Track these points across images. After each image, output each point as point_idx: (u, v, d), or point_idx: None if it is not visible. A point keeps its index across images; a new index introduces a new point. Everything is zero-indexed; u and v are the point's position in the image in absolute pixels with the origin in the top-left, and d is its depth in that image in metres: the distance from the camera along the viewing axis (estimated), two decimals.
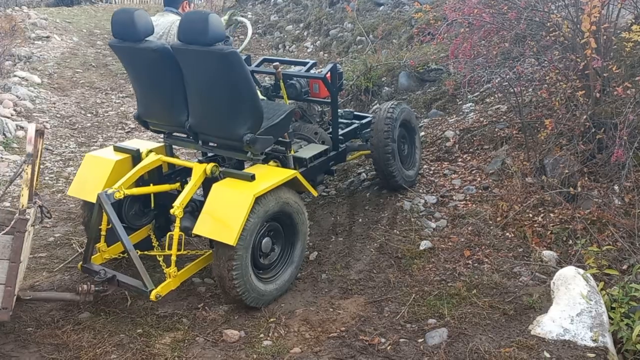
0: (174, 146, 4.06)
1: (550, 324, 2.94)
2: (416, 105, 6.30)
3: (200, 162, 4.04)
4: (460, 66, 4.99)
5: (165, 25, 3.89)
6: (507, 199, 4.29)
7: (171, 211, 3.26)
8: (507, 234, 4.05)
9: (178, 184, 3.88)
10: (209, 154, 4.07)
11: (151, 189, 3.77)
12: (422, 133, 5.63)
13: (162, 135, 4.05)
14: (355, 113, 5.07)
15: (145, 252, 3.68)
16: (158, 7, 16.24)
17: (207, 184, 3.53)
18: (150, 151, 3.83)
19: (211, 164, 3.56)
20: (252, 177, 3.32)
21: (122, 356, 3.04)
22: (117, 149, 3.89)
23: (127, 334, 3.22)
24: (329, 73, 4.23)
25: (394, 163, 4.45)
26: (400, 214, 4.42)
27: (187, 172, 3.78)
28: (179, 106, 3.63)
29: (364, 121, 4.78)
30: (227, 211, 3.21)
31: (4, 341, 3.11)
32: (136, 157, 3.80)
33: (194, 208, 3.66)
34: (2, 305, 2.90)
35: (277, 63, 4.25)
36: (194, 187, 3.47)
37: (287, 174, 3.53)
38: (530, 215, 4.16)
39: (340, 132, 4.56)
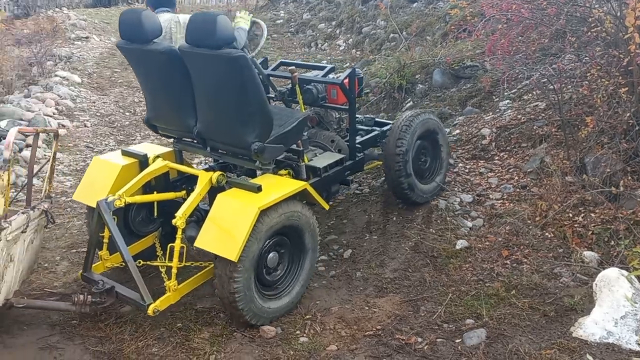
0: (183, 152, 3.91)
1: (593, 327, 2.88)
2: (451, 102, 6.23)
3: (209, 169, 3.90)
4: (498, 62, 4.91)
5: (165, 25, 3.71)
6: (547, 198, 4.21)
7: (173, 222, 3.14)
8: (547, 234, 3.97)
9: (184, 192, 3.73)
10: (220, 160, 3.93)
11: (154, 196, 3.63)
12: (457, 131, 5.56)
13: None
14: (377, 119, 4.91)
15: (148, 263, 3.55)
16: (193, 7, 16.47)
17: (213, 193, 3.37)
18: (158, 157, 3.71)
19: (217, 173, 3.44)
20: (258, 189, 3.17)
21: (162, 349, 3.11)
22: (125, 153, 3.79)
23: (167, 327, 3.29)
24: (347, 78, 4.05)
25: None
26: (436, 213, 4.38)
27: (194, 179, 3.58)
28: (187, 110, 3.50)
29: (384, 128, 4.59)
30: (230, 224, 3.05)
31: (50, 333, 3.23)
32: (144, 162, 3.68)
33: (200, 217, 3.51)
34: None
35: (293, 67, 4.08)
36: (199, 196, 3.33)
37: (296, 185, 3.35)
38: (571, 215, 4.07)
39: (359, 139, 4.37)
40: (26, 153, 5.56)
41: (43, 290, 3.65)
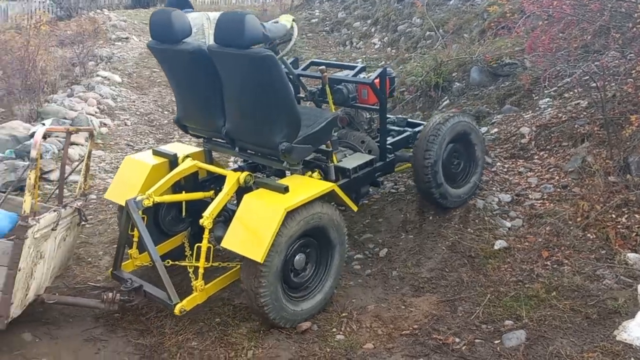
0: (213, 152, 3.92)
1: (637, 330, 2.80)
2: (489, 100, 6.14)
3: (238, 169, 3.89)
4: (538, 60, 4.81)
5: (196, 22, 3.70)
6: (588, 199, 4.11)
7: (200, 222, 3.14)
8: (589, 235, 3.87)
9: (212, 192, 3.73)
10: (250, 161, 3.92)
11: (183, 196, 3.65)
12: (495, 129, 5.48)
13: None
14: (409, 120, 4.82)
15: (176, 262, 3.56)
16: (229, 7, 16.67)
17: (241, 193, 3.35)
18: (187, 156, 3.73)
19: (245, 173, 3.44)
20: (285, 189, 3.15)
21: (201, 343, 3.17)
22: (156, 153, 3.83)
23: (206, 322, 3.35)
24: (378, 78, 3.99)
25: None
26: (473, 212, 4.33)
27: (223, 179, 3.56)
28: (216, 110, 3.50)
29: (417, 129, 4.49)
30: (256, 225, 3.03)
31: (94, 325, 3.33)
32: (174, 162, 3.71)
33: (227, 217, 3.48)
34: None
35: (324, 67, 4.03)
36: (226, 196, 3.33)
37: (323, 186, 3.32)
38: (614, 215, 3.96)
39: (390, 140, 4.30)
40: (71, 152, 5.73)
41: (86, 284, 3.77)
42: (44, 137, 5.78)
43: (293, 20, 3.70)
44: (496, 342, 3.02)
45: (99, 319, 3.37)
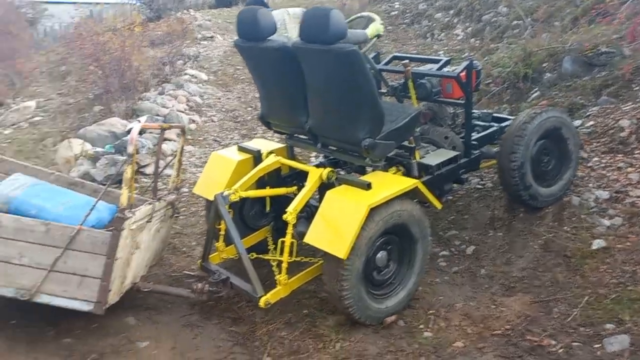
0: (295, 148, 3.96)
1: None
2: (583, 92, 5.80)
3: (320, 165, 3.90)
4: None
5: (279, 18, 3.75)
6: None
7: (283, 217, 3.19)
8: None
9: (295, 188, 3.75)
10: (331, 157, 3.91)
11: (267, 191, 3.73)
12: (591, 122, 5.17)
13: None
14: (495, 115, 4.63)
15: (260, 256, 3.61)
16: (308, 3, 16.81)
17: (324, 189, 3.39)
18: (271, 152, 3.79)
19: (327, 169, 3.45)
20: (368, 186, 3.14)
21: (291, 334, 3.26)
22: (241, 149, 3.92)
23: (295, 313, 3.44)
24: (464, 71, 3.86)
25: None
26: (568, 210, 4.12)
27: (305, 175, 3.58)
28: (299, 107, 3.53)
29: (503, 124, 4.31)
30: (339, 221, 3.04)
31: (190, 312, 3.51)
32: (257, 157, 3.79)
33: (310, 213, 3.50)
34: (97, 299, 3.03)
35: (407, 61, 3.90)
36: (309, 192, 3.37)
37: (407, 183, 3.28)
38: None
39: (475, 136, 4.17)
40: (164, 147, 6.03)
41: (182, 272, 3.96)
42: (140, 133, 6.17)
43: (377, 36, 3.64)
44: (596, 346, 2.88)
45: (195, 306, 3.55)
